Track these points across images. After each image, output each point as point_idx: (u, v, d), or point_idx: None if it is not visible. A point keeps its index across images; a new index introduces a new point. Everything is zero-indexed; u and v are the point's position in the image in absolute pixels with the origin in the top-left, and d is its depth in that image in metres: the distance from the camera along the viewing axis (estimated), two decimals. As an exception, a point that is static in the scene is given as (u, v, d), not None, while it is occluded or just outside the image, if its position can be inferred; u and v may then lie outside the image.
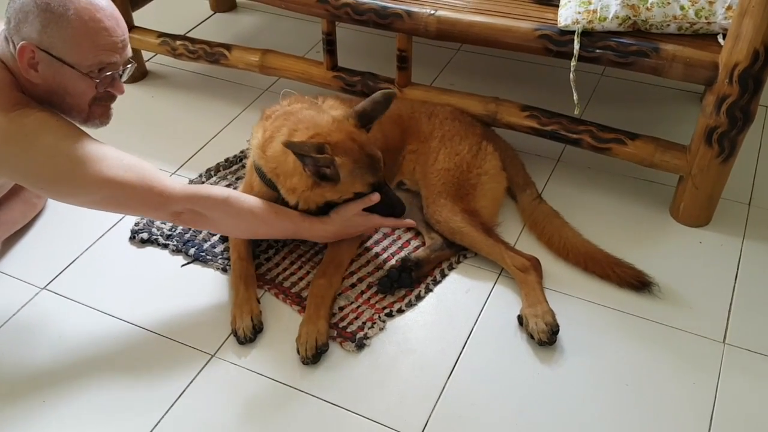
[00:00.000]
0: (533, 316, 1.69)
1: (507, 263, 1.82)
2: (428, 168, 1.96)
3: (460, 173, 1.93)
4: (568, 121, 2.03)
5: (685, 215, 2.00)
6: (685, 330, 1.71)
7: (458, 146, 1.97)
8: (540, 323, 1.67)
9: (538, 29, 1.88)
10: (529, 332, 1.68)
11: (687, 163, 1.90)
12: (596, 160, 2.13)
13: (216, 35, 2.72)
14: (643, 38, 1.81)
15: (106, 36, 1.52)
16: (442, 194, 1.90)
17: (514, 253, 1.83)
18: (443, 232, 1.88)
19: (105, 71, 1.56)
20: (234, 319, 1.71)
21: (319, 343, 1.65)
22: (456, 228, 1.85)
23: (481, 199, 1.93)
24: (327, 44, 2.23)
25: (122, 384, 1.61)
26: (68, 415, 1.55)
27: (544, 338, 1.65)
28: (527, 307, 1.72)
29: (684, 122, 2.25)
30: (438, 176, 1.93)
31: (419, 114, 2.06)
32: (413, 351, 1.68)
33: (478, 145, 1.99)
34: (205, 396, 1.59)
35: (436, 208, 1.89)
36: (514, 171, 2.06)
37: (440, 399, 1.57)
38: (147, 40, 2.53)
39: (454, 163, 1.94)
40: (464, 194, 1.91)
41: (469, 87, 2.25)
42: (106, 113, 1.67)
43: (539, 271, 1.80)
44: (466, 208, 1.88)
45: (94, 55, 1.53)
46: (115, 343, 1.70)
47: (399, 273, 1.80)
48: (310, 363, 1.64)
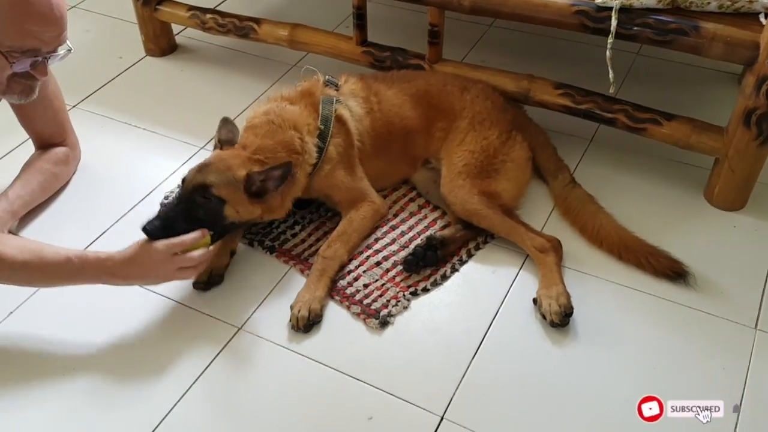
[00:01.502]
0: (547, 297, 1.67)
1: (526, 244, 1.79)
2: (453, 147, 1.93)
3: (485, 157, 1.90)
4: (603, 99, 1.99)
5: (720, 198, 1.95)
6: (716, 315, 1.68)
7: (487, 131, 1.93)
8: (554, 304, 1.65)
9: (575, 5, 1.84)
10: (542, 313, 1.67)
11: (723, 145, 1.86)
12: (630, 141, 2.08)
13: (246, 9, 2.71)
14: (683, 16, 1.76)
15: (34, 21, 1.49)
16: (461, 174, 1.87)
17: (534, 234, 1.80)
18: (459, 213, 1.86)
19: (26, 55, 1.53)
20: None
21: (312, 314, 1.65)
22: (473, 209, 1.83)
23: (503, 181, 1.89)
24: (357, 18, 2.21)
25: (151, 354, 1.63)
26: (99, 381, 1.58)
27: (556, 320, 1.63)
28: (543, 288, 1.71)
29: (721, 103, 2.19)
30: (461, 156, 1.90)
31: (451, 88, 2.02)
32: (438, 330, 1.68)
33: (508, 133, 1.95)
34: (231, 368, 1.60)
35: (453, 188, 1.86)
36: (545, 156, 2.01)
37: (464, 378, 1.57)
38: (177, 13, 2.52)
39: (481, 146, 1.90)
40: (485, 176, 1.88)
41: (501, 64, 2.21)
42: (26, 90, 1.64)
43: (559, 253, 1.78)
44: (484, 190, 1.84)
45: (17, 38, 1.50)
46: (143, 314, 1.72)
47: (424, 251, 1.79)
48: (301, 332, 1.65)
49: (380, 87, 1.99)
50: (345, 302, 1.73)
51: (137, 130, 2.32)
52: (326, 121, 1.85)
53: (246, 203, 1.70)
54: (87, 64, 2.62)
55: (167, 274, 1.60)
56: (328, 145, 1.84)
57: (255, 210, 1.73)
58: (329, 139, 1.84)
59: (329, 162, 1.85)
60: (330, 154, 1.85)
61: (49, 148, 2.04)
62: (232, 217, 1.70)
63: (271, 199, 1.74)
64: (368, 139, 1.93)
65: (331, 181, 1.86)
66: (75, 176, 2.11)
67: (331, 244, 1.80)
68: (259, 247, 1.88)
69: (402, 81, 2.03)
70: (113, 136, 2.30)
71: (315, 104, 1.88)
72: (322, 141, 1.83)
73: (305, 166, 1.81)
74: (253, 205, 1.72)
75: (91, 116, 2.38)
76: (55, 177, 2.02)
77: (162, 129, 2.31)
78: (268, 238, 1.90)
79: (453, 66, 2.17)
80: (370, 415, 1.50)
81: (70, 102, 2.34)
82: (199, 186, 1.67)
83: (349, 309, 1.71)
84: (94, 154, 2.18)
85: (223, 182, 1.68)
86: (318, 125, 1.84)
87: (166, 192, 2.05)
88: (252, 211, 1.73)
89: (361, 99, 1.95)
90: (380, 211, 1.92)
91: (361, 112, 1.93)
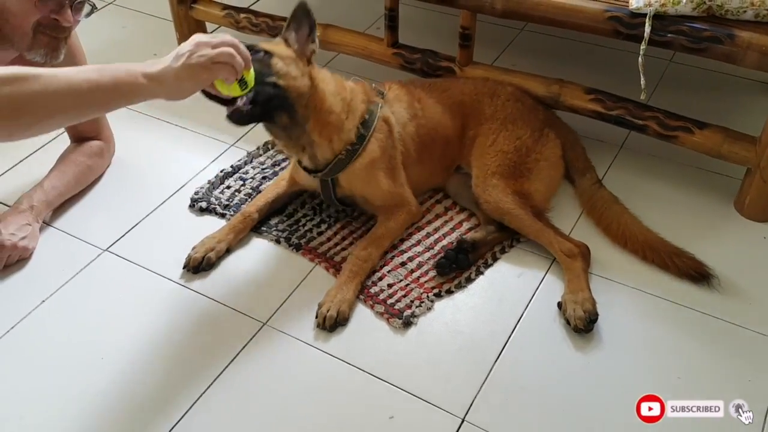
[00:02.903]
0: (573, 302, 1.67)
1: (554, 248, 1.79)
2: (485, 148, 1.93)
3: (518, 156, 1.90)
4: (634, 106, 1.98)
5: (751, 209, 1.92)
6: (744, 326, 1.66)
7: (519, 130, 1.93)
8: (578, 310, 1.64)
9: (609, 11, 1.83)
10: (566, 318, 1.66)
11: (756, 155, 1.83)
12: (661, 148, 2.06)
13: (279, 9, 2.73)
14: (718, 24, 1.74)
15: None
16: (495, 174, 1.87)
17: (563, 239, 1.80)
18: (491, 213, 1.86)
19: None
20: (195, 247, 1.84)
21: (341, 316, 1.67)
22: (506, 209, 1.82)
23: (535, 182, 1.90)
24: (389, 20, 2.22)
25: (176, 346, 1.66)
26: (125, 372, 1.61)
27: (580, 325, 1.63)
28: (568, 293, 1.70)
29: (755, 113, 2.16)
30: (494, 157, 1.90)
31: (481, 95, 2.02)
32: (461, 332, 1.68)
33: (540, 131, 1.95)
34: (255, 363, 1.62)
35: (486, 187, 1.86)
36: (574, 155, 2.01)
37: (487, 381, 1.57)
38: (212, 12, 2.56)
39: (514, 146, 1.90)
40: (518, 176, 1.88)
41: (532, 68, 2.21)
42: (53, 45, 1.63)
43: (587, 259, 1.77)
44: (518, 190, 1.85)
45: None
46: (171, 306, 1.75)
47: (456, 254, 1.79)
48: (326, 331, 1.66)
49: (422, 94, 1.99)
50: (369, 301, 1.74)
51: (170, 126, 2.36)
52: (372, 114, 1.85)
53: (293, 59, 1.69)
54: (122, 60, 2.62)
55: (197, 61, 1.34)
56: (370, 137, 1.82)
57: (304, 74, 1.70)
58: (372, 131, 1.83)
59: (369, 156, 1.82)
60: (371, 147, 1.82)
61: (84, 141, 2.08)
62: (281, 73, 1.66)
63: (323, 87, 1.74)
64: (412, 144, 1.92)
65: (371, 180, 1.85)
66: (108, 170, 2.16)
67: (367, 246, 1.80)
68: (285, 243, 1.90)
69: (440, 90, 2.02)
70: (146, 131, 2.34)
71: (366, 99, 1.87)
72: (365, 129, 1.82)
73: (340, 133, 1.79)
74: (301, 64, 1.70)
75: (126, 111, 2.39)
76: (90, 169, 2.06)
77: (194, 126, 2.34)
78: (294, 236, 1.92)
79: (483, 69, 2.17)
80: (391, 415, 1.51)
81: (106, 97, 2.39)
82: (250, 47, 1.56)
83: (372, 308, 1.72)
84: (127, 148, 2.22)
85: (267, 43, 1.71)
86: (365, 115, 1.83)
87: (197, 188, 2.08)
88: (301, 73, 1.70)
89: (405, 104, 1.95)
90: (416, 217, 1.93)
91: (406, 117, 1.92)
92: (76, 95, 1.26)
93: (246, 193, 2.05)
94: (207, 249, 1.85)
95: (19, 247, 1.83)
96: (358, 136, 1.81)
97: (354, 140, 1.81)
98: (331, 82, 1.79)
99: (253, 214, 1.92)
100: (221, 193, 2.06)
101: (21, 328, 1.71)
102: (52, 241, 1.93)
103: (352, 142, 1.81)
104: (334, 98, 1.77)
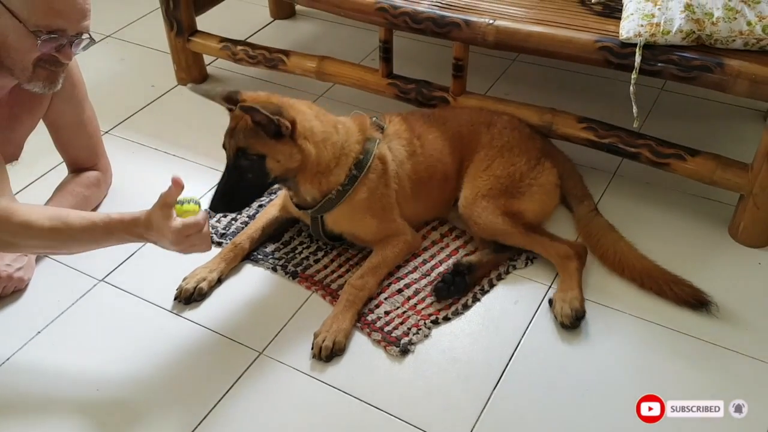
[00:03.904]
0: (561, 300, 1.71)
1: (550, 252, 1.82)
2: (478, 172, 1.94)
3: (510, 181, 1.91)
4: (627, 134, 2.00)
5: (745, 235, 1.94)
6: (741, 352, 1.66)
7: (515, 157, 1.94)
8: (566, 307, 1.69)
9: (599, 41, 1.86)
10: (554, 314, 1.70)
11: (748, 182, 1.85)
12: (654, 176, 2.08)
13: (275, 41, 2.77)
14: (707, 53, 1.77)
15: (61, 3, 1.55)
16: (485, 197, 1.88)
17: (558, 242, 1.83)
18: (481, 234, 1.87)
19: (52, 35, 1.58)
20: (186, 278, 1.85)
21: (337, 346, 1.66)
22: (499, 229, 1.84)
23: (526, 202, 1.91)
24: (383, 52, 2.25)
25: (172, 376, 1.65)
26: (121, 404, 1.59)
27: (566, 321, 1.68)
28: (559, 291, 1.74)
29: (746, 140, 2.18)
30: (486, 180, 1.91)
31: (478, 125, 2.02)
32: (458, 360, 1.67)
33: (536, 159, 1.97)
34: (251, 393, 1.61)
35: (476, 209, 1.87)
36: (571, 183, 2.03)
37: (485, 410, 1.56)
38: (209, 44, 2.60)
39: (508, 172, 1.92)
40: (509, 197, 1.89)
41: (525, 97, 2.24)
42: (51, 78, 1.68)
43: (582, 260, 1.80)
44: (508, 210, 1.86)
45: (44, 16, 1.55)
46: (167, 336, 1.75)
47: (453, 277, 1.80)
48: (323, 361, 1.65)
49: (422, 129, 1.97)
50: (366, 329, 1.73)
51: (167, 156, 2.38)
52: (367, 153, 1.83)
53: (279, 147, 1.67)
54: (120, 92, 2.70)
55: (177, 239, 1.55)
56: (362, 177, 1.81)
57: (291, 152, 1.69)
58: (365, 171, 1.81)
59: (358, 196, 1.81)
60: (362, 188, 1.81)
61: (81, 172, 2.09)
62: (276, 169, 1.69)
63: (310, 137, 1.72)
64: (408, 182, 1.91)
65: (360, 220, 1.85)
66: (105, 199, 2.16)
67: (363, 275, 1.80)
68: (282, 271, 1.90)
69: (439, 123, 2.01)
70: (143, 161, 2.35)
71: (363, 136, 1.86)
72: (358, 170, 1.82)
73: (329, 176, 1.78)
74: (284, 146, 1.68)
75: (123, 142, 2.44)
76: (87, 200, 2.06)
77: (191, 155, 2.36)
78: (291, 264, 1.92)
79: (477, 99, 2.20)
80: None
81: (104, 128, 2.40)
82: (239, 150, 1.68)
83: (370, 336, 1.72)
84: (124, 178, 2.23)
85: (251, 136, 1.66)
86: (359, 155, 1.83)
87: (193, 217, 2.08)
88: (290, 155, 1.69)
89: (404, 141, 1.93)
90: (414, 246, 1.92)
91: (404, 155, 1.91)
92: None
93: (242, 221, 2.06)
94: (198, 280, 1.84)
95: (15, 278, 1.83)
96: (350, 176, 1.81)
97: (345, 181, 1.80)
98: (319, 134, 1.75)
99: (243, 243, 1.92)
100: (218, 221, 2.07)
101: (16, 359, 1.69)
102: (47, 271, 1.93)
103: (342, 183, 1.80)
104: (323, 151, 1.75)
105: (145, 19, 3.23)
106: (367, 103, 2.43)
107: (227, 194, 1.70)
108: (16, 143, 1.86)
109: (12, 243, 1.60)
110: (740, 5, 1.74)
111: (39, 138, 1.99)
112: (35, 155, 2.26)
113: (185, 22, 2.58)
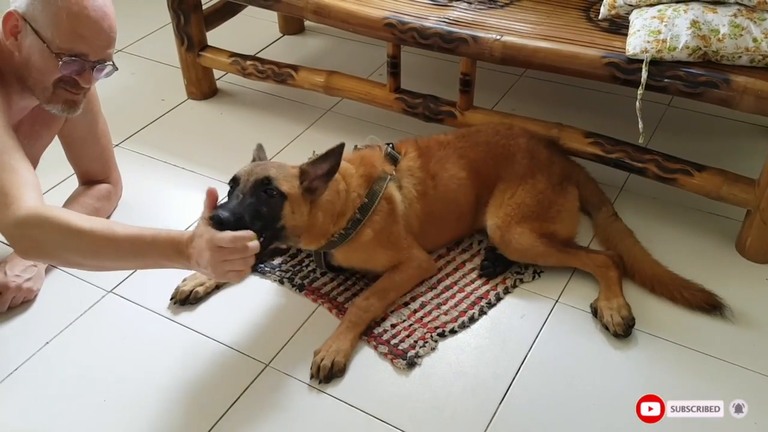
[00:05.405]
0: (608, 308, 1.73)
1: (589, 266, 1.85)
2: (504, 200, 1.92)
3: (540, 207, 1.90)
4: (633, 149, 2.01)
5: (752, 251, 1.93)
6: (749, 368, 1.65)
7: (539, 184, 1.92)
8: (616, 316, 1.70)
9: (606, 57, 1.88)
10: (604, 324, 1.72)
11: (755, 197, 1.85)
12: (661, 191, 2.09)
13: (284, 56, 2.80)
14: (714, 69, 1.78)
15: (86, 26, 1.59)
16: (519, 223, 1.87)
17: (594, 254, 1.86)
18: (520, 258, 1.90)
19: (74, 58, 1.61)
20: (185, 279, 1.88)
21: (336, 367, 1.64)
22: (539, 252, 1.86)
23: (558, 225, 1.91)
24: (391, 67, 2.27)
25: (179, 388, 1.65)
26: (128, 415, 1.60)
27: (620, 330, 1.68)
28: (603, 299, 1.76)
29: (753, 156, 2.18)
30: (516, 208, 1.89)
31: (496, 158, 1.98)
32: (465, 373, 1.67)
33: (560, 185, 1.96)
34: (257, 405, 1.61)
35: (512, 235, 1.85)
36: (588, 191, 2.05)
37: (491, 424, 1.55)
38: (219, 59, 2.63)
39: (537, 199, 1.90)
40: (542, 221, 1.89)
41: (532, 112, 2.25)
42: (70, 102, 1.70)
43: (620, 268, 1.82)
44: (545, 232, 1.87)
45: (68, 39, 1.58)
46: (175, 347, 1.75)
47: (495, 254, 1.91)
48: (322, 382, 1.63)
49: (437, 168, 1.93)
50: (372, 342, 1.74)
51: (177, 169, 2.40)
52: (373, 196, 1.81)
53: (301, 202, 1.67)
54: (131, 106, 2.73)
55: (215, 265, 1.44)
56: (366, 221, 1.79)
57: (305, 214, 1.68)
58: (369, 215, 1.80)
59: (362, 238, 1.80)
60: (365, 230, 1.79)
61: (92, 184, 2.11)
62: (287, 217, 1.65)
63: (319, 202, 1.71)
64: (416, 221, 1.89)
65: (366, 256, 1.83)
66: (115, 212, 2.18)
67: (369, 296, 1.78)
68: (289, 284, 1.91)
69: (456, 157, 1.96)
70: (154, 174, 2.38)
71: (370, 176, 1.84)
72: (362, 214, 1.80)
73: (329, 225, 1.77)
74: (305, 206, 1.68)
75: (134, 155, 2.47)
76: (97, 212, 2.07)
77: (201, 169, 2.38)
78: (297, 276, 1.93)
79: (484, 114, 2.21)
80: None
81: (114, 141, 2.42)
82: (264, 179, 1.63)
83: (376, 349, 1.72)
84: (134, 191, 2.25)
85: (283, 175, 1.66)
86: (364, 198, 1.81)
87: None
88: (303, 214, 1.68)
89: (417, 180, 1.90)
90: (428, 271, 1.90)
91: (414, 195, 1.89)
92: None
93: (250, 234, 2.07)
94: (196, 283, 1.86)
95: (24, 288, 1.84)
96: (354, 221, 1.79)
97: (348, 226, 1.79)
98: (326, 203, 1.74)
99: None
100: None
101: (24, 369, 1.70)
102: (56, 282, 1.94)
103: (345, 228, 1.79)
104: (326, 213, 1.74)
105: (156, 34, 3.27)
106: (375, 117, 2.45)
107: (238, 219, 1.53)
108: (33, 157, 1.88)
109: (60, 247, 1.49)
110: (746, 22, 1.75)
111: (49, 150, 2.01)
112: (45, 167, 2.28)
113: (196, 37, 2.61)
